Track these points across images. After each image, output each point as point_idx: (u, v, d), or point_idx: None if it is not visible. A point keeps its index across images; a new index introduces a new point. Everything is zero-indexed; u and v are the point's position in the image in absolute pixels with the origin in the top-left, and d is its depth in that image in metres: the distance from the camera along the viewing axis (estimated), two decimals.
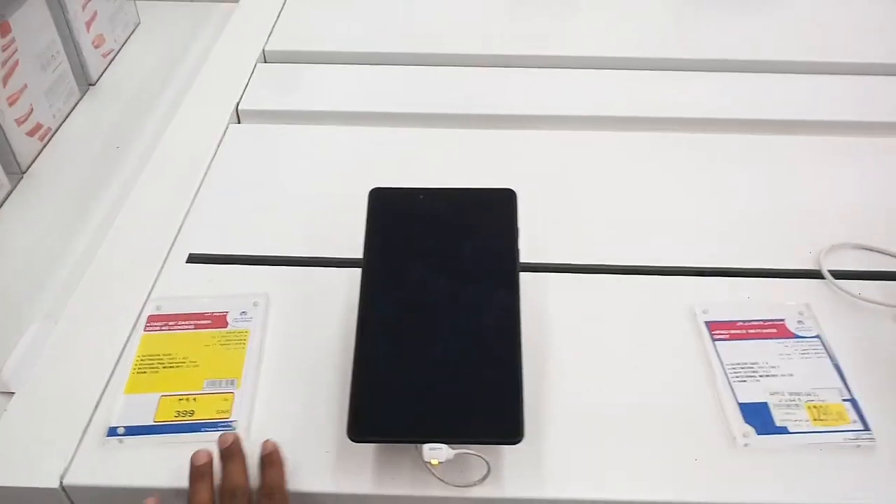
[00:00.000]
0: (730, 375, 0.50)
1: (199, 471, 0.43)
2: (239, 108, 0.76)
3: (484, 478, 0.44)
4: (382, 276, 0.50)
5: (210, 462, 0.43)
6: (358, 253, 0.51)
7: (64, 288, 0.59)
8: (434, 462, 0.42)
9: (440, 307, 0.48)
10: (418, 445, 0.43)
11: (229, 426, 0.47)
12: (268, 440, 0.45)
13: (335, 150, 0.71)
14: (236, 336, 0.52)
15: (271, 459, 0.44)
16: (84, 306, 0.55)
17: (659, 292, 0.57)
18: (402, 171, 0.67)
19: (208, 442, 0.46)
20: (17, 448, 0.46)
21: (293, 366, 0.51)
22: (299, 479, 0.44)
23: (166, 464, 0.45)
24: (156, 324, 0.53)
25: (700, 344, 0.53)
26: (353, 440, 0.42)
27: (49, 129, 0.77)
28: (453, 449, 0.43)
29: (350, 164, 0.69)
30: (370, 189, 0.54)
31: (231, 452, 0.44)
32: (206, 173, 0.68)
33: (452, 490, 0.44)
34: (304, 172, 0.69)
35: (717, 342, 0.52)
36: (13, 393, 0.50)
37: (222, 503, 0.41)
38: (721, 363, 0.51)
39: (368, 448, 0.46)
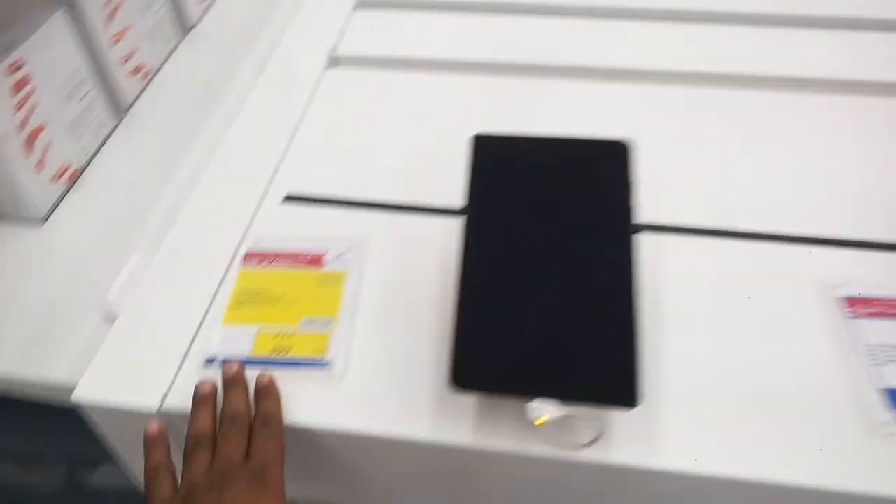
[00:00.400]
0: (871, 356, 0.45)
1: (202, 398, 0.43)
2: (335, 53, 0.75)
3: (593, 441, 0.41)
4: (487, 223, 0.47)
5: (214, 392, 0.43)
6: (455, 202, 0.48)
7: (165, 220, 0.60)
8: (541, 421, 0.40)
9: (549, 259, 0.45)
10: (525, 401, 0.40)
11: (326, 366, 0.45)
12: (263, 373, 0.44)
13: (432, 97, 0.69)
14: (333, 277, 0.51)
15: (268, 390, 0.43)
16: (183, 239, 0.55)
17: (790, 262, 0.51)
18: (500, 120, 0.64)
19: (306, 380, 0.44)
20: (120, 370, 0.46)
21: (390, 310, 0.49)
22: (395, 424, 0.43)
23: None
24: (253, 260, 0.52)
25: (835, 320, 0.47)
26: (454, 389, 0.40)
27: (151, 69, 0.77)
28: (562, 408, 0.40)
29: (446, 112, 0.67)
30: (473, 134, 0.52)
31: (234, 381, 0.43)
32: (302, 116, 0.67)
33: (558, 452, 0.41)
34: (401, 118, 0.66)
35: (855, 319, 0.47)
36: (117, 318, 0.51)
37: (223, 428, 0.41)
38: (861, 342, 0.46)
39: (469, 399, 0.44)
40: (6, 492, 0.66)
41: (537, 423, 0.40)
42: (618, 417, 0.42)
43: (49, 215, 0.62)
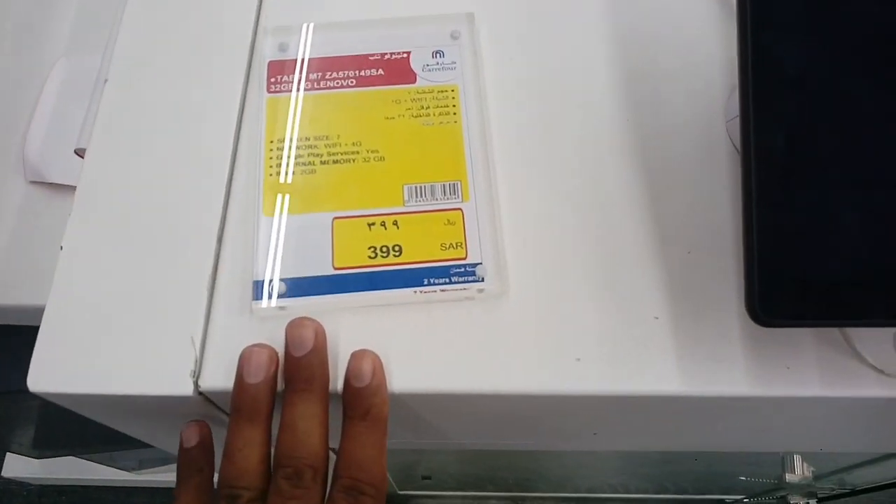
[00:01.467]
0: None
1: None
2: None
3: None
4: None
5: (270, 387, 0.23)
6: None
7: (86, 6, 0.34)
8: None
9: None
10: None
11: (470, 274, 0.25)
12: (365, 352, 0.23)
13: None
14: (437, 98, 0.28)
15: (368, 406, 0.22)
16: (140, 48, 0.30)
17: None
18: None
19: (447, 301, 0.25)
20: (90, 324, 0.25)
21: (551, 149, 0.28)
22: (605, 375, 0.24)
23: (366, 345, 0.24)
24: (285, 78, 0.28)
25: None
26: (767, 324, 0.21)
27: None
28: None
29: None
30: None
31: (302, 375, 0.22)
32: None
33: None
34: None
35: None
36: (61, 184, 0.29)
37: (275, 491, 0.21)
38: None
39: (729, 318, 0.25)
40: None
41: None
42: None
43: None
